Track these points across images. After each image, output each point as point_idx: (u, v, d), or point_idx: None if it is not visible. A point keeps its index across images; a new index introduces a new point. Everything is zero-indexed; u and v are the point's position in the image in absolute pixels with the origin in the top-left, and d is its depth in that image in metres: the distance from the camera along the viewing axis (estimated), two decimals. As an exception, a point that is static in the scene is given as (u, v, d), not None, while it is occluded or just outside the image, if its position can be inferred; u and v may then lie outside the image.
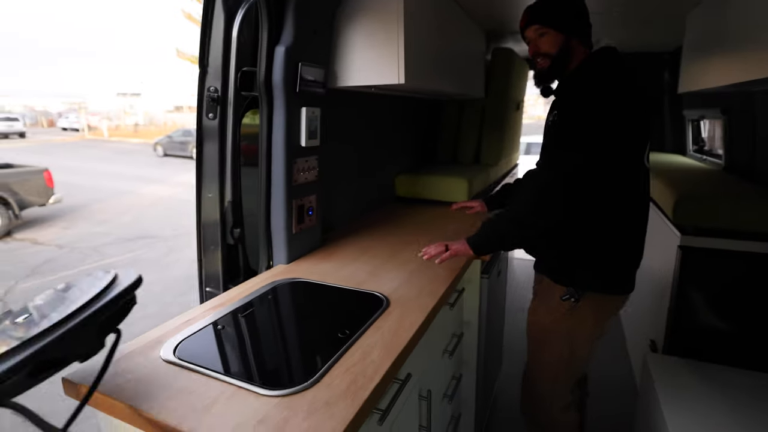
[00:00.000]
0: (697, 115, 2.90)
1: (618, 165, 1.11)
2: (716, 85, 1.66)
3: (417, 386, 1.06)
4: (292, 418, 0.66)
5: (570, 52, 1.21)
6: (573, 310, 1.24)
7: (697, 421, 1.23)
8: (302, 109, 1.26)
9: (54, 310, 0.57)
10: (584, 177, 1.08)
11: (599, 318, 1.28)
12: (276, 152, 1.24)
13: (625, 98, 1.10)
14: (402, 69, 1.30)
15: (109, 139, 22.63)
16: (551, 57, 1.21)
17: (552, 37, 1.21)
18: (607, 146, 1.07)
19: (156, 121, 28.22)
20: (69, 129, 26.32)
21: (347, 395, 0.72)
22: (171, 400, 0.70)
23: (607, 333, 1.34)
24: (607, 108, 1.07)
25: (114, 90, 32.57)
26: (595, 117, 1.07)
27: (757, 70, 1.32)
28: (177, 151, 15.15)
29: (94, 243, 6.00)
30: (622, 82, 1.13)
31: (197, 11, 19.32)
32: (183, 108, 31.89)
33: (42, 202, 6.84)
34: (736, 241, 1.61)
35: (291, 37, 1.17)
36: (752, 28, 1.36)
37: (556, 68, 1.22)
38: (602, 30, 2.43)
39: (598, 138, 1.07)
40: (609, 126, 1.07)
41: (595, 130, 1.07)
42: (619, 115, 1.08)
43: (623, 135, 1.09)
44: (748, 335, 1.62)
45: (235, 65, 1.15)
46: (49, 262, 5.22)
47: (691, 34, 2.05)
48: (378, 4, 1.30)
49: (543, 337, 1.35)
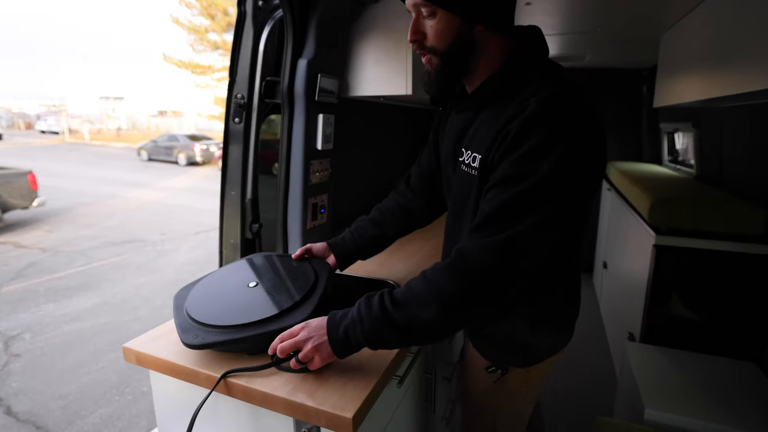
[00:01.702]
0: (671, 128, 3.07)
1: (574, 225, 0.77)
2: (686, 101, 1.83)
3: (423, 364, 1.19)
4: (331, 375, 0.79)
5: (473, 46, 0.78)
6: (501, 381, 0.98)
7: (670, 402, 1.36)
8: (319, 115, 1.39)
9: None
10: (539, 248, 0.70)
11: (532, 384, 1.00)
12: (295, 154, 1.36)
13: (590, 130, 0.72)
14: (410, 81, 1.44)
15: (91, 142, 22.26)
16: (439, 54, 0.79)
17: (442, 23, 0.76)
18: (571, 204, 0.71)
19: (139, 125, 27.89)
20: (48, 132, 25.78)
21: (374, 358, 0.85)
22: (223, 361, 0.82)
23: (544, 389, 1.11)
24: (571, 149, 0.69)
25: (96, 93, 31.98)
26: (558, 164, 0.67)
27: (720, 87, 1.48)
28: (162, 156, 15.01)
29: (79, 247, 5.95)
30: (581, 105, 0.72)
31: (185, 16, 19.08)
32: (167, 113, 31.58)
33: (25, 205, 6.75)
34: (704, 240, 1.75)
35: (312, 51, 1.30)
36: (717, 50, 1.51)
37: (453, 72, 0.80)
38: (587, 47, 2.62)
39: (560, 195, 0.69)
40: (575, 175, 0.70)
41: (557, 185, 0.68)
42: (586, 156, 0.71)
43: (589, 187, 0.74)
44: (716, 324, 1.77)
45: (260, 75, 1.27)
46: (33, 265, 5.17)
47: (664, 54, 2.23)
48: (389, 23, 1.43)
49: (473, 408, 1.11)
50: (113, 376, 2.82)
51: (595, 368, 2.45)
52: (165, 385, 0.86)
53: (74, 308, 3.93)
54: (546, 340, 0.94)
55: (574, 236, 0.84)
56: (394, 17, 1.42)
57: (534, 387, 1.01)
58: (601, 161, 0.75)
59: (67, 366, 2.96)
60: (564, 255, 0.85)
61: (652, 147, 3.55)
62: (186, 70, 14.75)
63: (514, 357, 0.95)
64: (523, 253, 0.69)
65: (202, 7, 13.66)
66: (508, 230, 0.68)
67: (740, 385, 1.45)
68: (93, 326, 3.58)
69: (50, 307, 3.95)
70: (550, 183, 0.67)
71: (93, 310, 3.88)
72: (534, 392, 1.02)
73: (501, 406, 1.03)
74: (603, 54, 2.86)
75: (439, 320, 0.71)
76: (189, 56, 24.97)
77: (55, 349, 3.21)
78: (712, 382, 1.47)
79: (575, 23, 2.04)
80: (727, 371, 1.53)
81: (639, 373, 1.53)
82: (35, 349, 3.20)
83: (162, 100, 32.20)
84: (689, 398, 1.39)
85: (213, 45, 14.32)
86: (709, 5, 1.59)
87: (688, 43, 1.85)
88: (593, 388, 2.26)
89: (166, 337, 0.89)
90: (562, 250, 0.81)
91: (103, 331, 3.50)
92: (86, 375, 2.84)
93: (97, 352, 3.15)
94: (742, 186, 2.07)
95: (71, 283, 4.56)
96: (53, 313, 3.84)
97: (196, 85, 15.43)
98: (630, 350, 1.70)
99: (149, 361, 0.83)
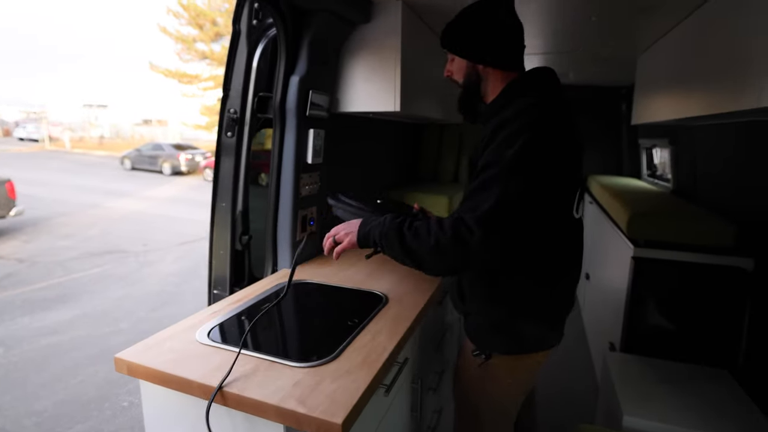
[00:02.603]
0: (650, 143, 3.20)
1: (537, 218, 0.91)
2: (661, 119, 1.92)
3: (410, 373, 1.21)
4: (322, 381, 0.81)
5: (480, 81, 1.06)
6: (486, 367, 1.09)
7: (648, 409, 1.41)
8: (310, 130, 1.43)
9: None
10: (511, 219, 0.87)
11: (517, 377, 1.11)
12: (286, 168, 1.39)
13: (554, 126, 0.91)
14: (398, 98, 1.49)
15: (72, 150, 21.82)
16: (460, 85, 1.10)
17: (458, 64, 1.09)
18: (536, 184, 0.88)
19: (123, 134, 27.47)
20: (27, 139, 25.21)
21: (363, 366, 0.87)
22: (216, 371, 0.83)
23: (532, 386, 1.20)
24: (534, 139, 0.88)
25: (79, 100, 31.41)
26: (521, 149, 0.87)
27: (690, 108, 1.56)
28: (146, 165, 14.79)
29: (57, 257, 5.79)
30: (545, 118, 0.92)
31: (173, 26, 19.00)
32: (152, 121, 31.23)
33: (2, 215, 6.55)
34: (680, 252, 1.82)
35: (304, 68, 1.34)
36: (688, 73, 1.60)
37: (469, 98, 1.10)
38: (570, 66, 2.73)
39: (524, 174, 0.87)
40: (526, 172, 0.87)
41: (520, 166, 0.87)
42: (536, 159, 0.88)
43: (541, 184, 0.88)
44: (691, 334, 1.83)
45: (253, 90, 1.31)
46: (9, 276, 5.01)
47: (641, 74, 2.33)
48: (378, 42, 1.49)
49: (459, 394, 1.23)
50: (92, 391, 2.75)
51: (577, 377, 2.50)
52: (156, 395, 0.86)
53: (51, 321, 3.82)
54: (530, 333, 1.05)
55: (552, 229, 0.97)
56: (382, 37, 1.48)
57: (519, 380, 1.11)
58: (566, 153, 0.94)
59: (43, 381, 2.87)
60: (545, 248, 0.99)
61: (631, 161, 3.67)
62: (173, 79, 14.68)
63: (497, 343, 1.07)
64: (499, 222, 0.86)
65: (190, 17, 13.67)
66: (486, 203, 0.87)
67: (714, 391, 1.51)
68: (71, 339, 3.49)
69: (26, 320, 3.84)
70: (514, 164, 0.87)
71: (71, 323, 3.78)
72: (519, 385, 1.13)
73: (484, 391, 1.13)
74: (585, 72, 2.99)
75: (430, 253, 0.91)
76: (176, 65, 24.85)
77: (29, 363, 3.12)
78: (687, 389, 1.52)
79: (557, 43, 2.13)
80: (701, 379, 1.59)
81: (618, 382, 1.57)
82: (8, 364, 3.09)
83: (147, 109, 31.82)
84: (666, 405, 1.44)
85: (201, 54, 14.30)
86: (680, 31, 1.68)
87: (661, 65, 1.95)
88: (576, 396, 2.30)
89: (158, 347, 0.90)
90: (540, 240, 0.96)
91: (81, 344, 3.41)
92: (63, 390, 2.77)
93: (75, 366, 3.07)
94: (714, 200, 2.17)
95: (49, 295, 4.44)
96: (29, 325, 3.73)
97: (183, 94, 15.36)
98: (610, 360, 1.75)
99: (141, 372, 0.84)
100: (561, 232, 1.01)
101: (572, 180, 0.99)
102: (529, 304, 1.03)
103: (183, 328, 1.00)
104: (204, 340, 0.95)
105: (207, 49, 14.13)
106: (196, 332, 0.98)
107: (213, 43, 14.10)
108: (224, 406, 0.79)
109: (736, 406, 1.44)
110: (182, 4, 13.41)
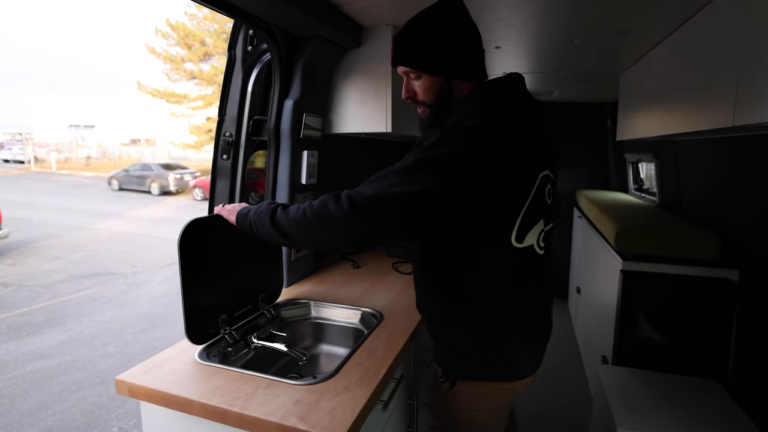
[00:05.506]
0: (635, 158, 3.26)
1: (444, 233, 0.88)
2: (643, 136, 1.98)
3: (407, 389, 1.22)
4: (322, 398, 0.82)
5: (452, 96, 0.96)
6: (454, 393, 1.01)
7: (640, 421, 1.43)
8: (304, 152, 1.46)
9: None
10: (375, 216, 0.83)
11: (481, 405, 1.01)
12: (280, 188, 1.42)
13: (465, 160, 0.82)
14: (389, 119, 1.54)
15: (58, 171, 21.60)
16: (428, 106, 0.98)
17: (428, 83, 0.96)
18: (417, 201, 0.81)
19: (110, 154, 27.26)
20: (12, 161, 24.93)
21: (362, 382, 0.88)
22: (217, 390, 0.84)
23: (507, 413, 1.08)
24: (434, 159, 0.82)
25: (65, 121, 31.13)
26: (414, 163, 0.83)
27: (668, 126, 1.62)
28: (134, 186, 14.68)
29: (44, 281, 5.68)
30: (476, 142, 0.84)
31: (161, 45, 19.07)
32: (140, 141, 31.09)
33: (-13, 238, 6.47)
34: (666, 265, 1.86)
35: (298, 92, 1.38)
36: (668, 91, 1.66)
37: (437, 117, 0.99)
38: (555, 84, 2.81)
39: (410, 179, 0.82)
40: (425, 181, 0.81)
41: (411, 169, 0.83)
42: (445, 173, 0.81)
43: (445, 199, 0.82)
44: (681, 345, 1.86)
45: (248, 114, 1.34)
46: (-5, 301, 4.92)
47: (624, 92, 2.41)
48: (370, 66, 1.54)
49: (435, 420, 1.15)
50: (79, 417, 2.68)
51: (571, 390, 2.51)
52: (157, 416, 0.86)
53: (38, 345, 3.74)
54: (488, 360, 0.95)
55: (481, 252, 0.90)
56: (374, 61, 1.52)
57: (485, 409, 1.00)
58: (491, 179, 0.84)
59: (29, 408, 2.79)
60: (479, 271, 0.91)
61: (618, 176, 3.74)
62: (161, 98, 14.70)
63: (457, 368, 0.98)
64: (373, 211, 0.82)
65: (179, 38, 13.77)
66: (369, 191, 0.84)
67: (705, 402, 1.54)
68: (58, 364, 3.41)
69: (11, 345, 3.75)
70: (406, 167, 0.83)
71: (59, 347, 3.70)
72: (487, 416, 1.01)
73: (455, 418, 1.03)
74: (569, 90, 3.07)
75: (296, 223, 0.89)
76: (164, 85, 24.90)
77: (15, 389, 3.03)
78: (678, 400, 1.55)
79: (541, 64, 2.21)
80: (693, 389, 1.62)
81: (611, 394, 1.59)
82: (-7, 391, 3.02)
83: (135, 129, 31.59)
84: (658, 416, 1.46)
85: (189, 74, 14.38)
86: (658, 52, 1.76)
87: (642, 84, 2.02)
88: (570, 409, 2.31)
89: (159, 369, 0.91)
90: (469, 262, 0.91)
91: (69, 369, 3.33)
92: (50, 417, 2.69)
93: (63, 392, 2.99)
94: (699, 213, 2.22)
95: (35, 320, 4.35)
96: (14, 351, 3.64)
97: (171, 113, 15.33)
98: (602, 373, 1.77)
99: (142, 393, 0.84)
100: (495, 258, 0.90)
101: (502, 206, 0.87)
102: (482, 330, 0.93)
103: (182, 349, 1.01)
104: (203, 360, 0.95)
105: (196, 68, 14.22)
106: (196, 353, 0.98)
107: (202, 63, 14.20)
108: (224, 425, 0.79)
109: (727, 415, 1.46)
110: (171, 24, 13.55)
